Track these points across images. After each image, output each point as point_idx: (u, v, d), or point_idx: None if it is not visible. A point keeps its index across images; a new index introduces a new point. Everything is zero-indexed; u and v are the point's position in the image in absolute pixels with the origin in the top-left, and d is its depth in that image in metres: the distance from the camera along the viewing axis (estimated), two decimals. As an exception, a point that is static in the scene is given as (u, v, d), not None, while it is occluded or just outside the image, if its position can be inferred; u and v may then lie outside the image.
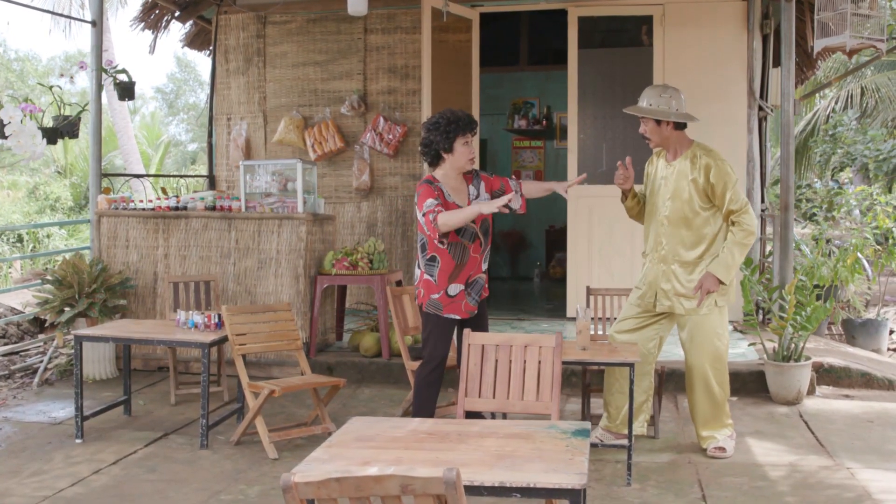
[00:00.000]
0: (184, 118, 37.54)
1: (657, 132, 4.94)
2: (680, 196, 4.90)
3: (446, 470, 1.95)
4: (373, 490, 1.99)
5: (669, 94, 4.96)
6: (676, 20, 8.26)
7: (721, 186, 4.80)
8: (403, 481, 1.96)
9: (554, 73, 11.76)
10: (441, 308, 4.66)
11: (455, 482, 1.94)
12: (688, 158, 4.92)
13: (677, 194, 4.91)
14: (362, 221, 8.95)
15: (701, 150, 4.93)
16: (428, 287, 4.68)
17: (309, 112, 9.02)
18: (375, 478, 1.97)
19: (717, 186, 4.80)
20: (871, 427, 5.45)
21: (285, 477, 2.01)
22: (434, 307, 4.67)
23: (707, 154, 4.90)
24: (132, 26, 9.07)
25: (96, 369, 6.73)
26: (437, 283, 4.65)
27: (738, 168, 8.19)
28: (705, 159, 4.86)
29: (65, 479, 4.58)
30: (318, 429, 5.20)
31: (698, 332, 4.94)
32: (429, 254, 4.66)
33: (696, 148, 4.95)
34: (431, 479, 1.95)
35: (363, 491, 1.99)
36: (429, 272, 4.67)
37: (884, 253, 7.52)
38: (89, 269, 6.69)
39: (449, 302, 4.66)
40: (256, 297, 6.85)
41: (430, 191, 4.57)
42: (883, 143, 12.56)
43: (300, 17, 9.01)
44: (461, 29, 8.63)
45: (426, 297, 4.68)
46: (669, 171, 4.98)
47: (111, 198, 7.09)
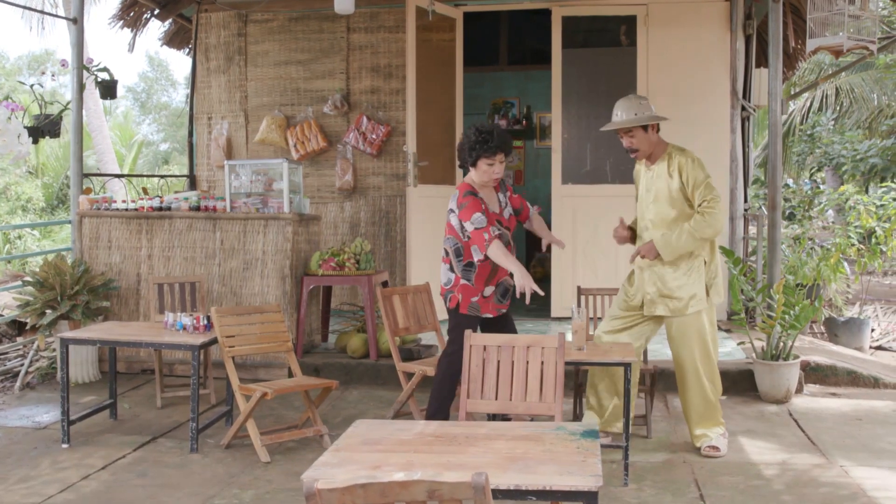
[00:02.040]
0: (156, 118, 37.20)
1: (646, 140, 4.98)
2: (661, 199, 4.96)
3: (475, 475, 1.92)
4: (399, 496, 1.95)
5: (642, 101, 5.04)
6: (660, 20, 8.28)
7: (693, 182, 4.85)
8: (431, 486, 1.92)
9: (534, 73, 11.78)
10: (479, 309, 4.86)
11: (484, 487, 1.91)
12: (665, 161, 4.98)
13: (658, 197, 4.97)
14: (345, 222, 8.89)
15: (675, 151, 4.99)
16: (466, 291, 4.82)
17: (291, 111, 8.94)
18: (402, 483, 1.93)
19: (689, 184, 4.87)
20: (860, 425, 5.49)
21: (308, 484, 1.97)
22: (474, 310, 4.84)
23: (681, 154, 4.96)
24: (111, 24, 8.94)
25: (79, 372, 6.62)
26: (475, 287, 4.81)
27: (721, 168, 8.23)
28: (678, 158, 4.93)
29: (53, 486, 4.49)
30: (310, 431, 5.14)
31: (686, 330, 4.95)
32: (465, 260, 4.80)
33: (671, 149, 5.01)
34: (459, 483, 1.91)
35: (389, 497, 1.95)
36: (466, 277, 4.81)
37: (867, 252, 7.59)
38: (71, 270, 6.57)
39: (484, 302, 4.87)
40: (242, 298, 6.77)
41: (476, 204, 4.69)
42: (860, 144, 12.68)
43: (282, 16, 8.94)
44: (444, 28, 8.59)
45: (466, 300, 4.82)
46: (650, 175, 5.04)
47: (93, 198, 6.98)
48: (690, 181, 4.85)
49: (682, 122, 8.22)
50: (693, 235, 4.81)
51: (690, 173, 4.85)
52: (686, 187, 4.87)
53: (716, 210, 4.81)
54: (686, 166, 4.87)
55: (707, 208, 4.81)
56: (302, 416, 5.44)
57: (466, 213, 4.66)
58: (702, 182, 4.85)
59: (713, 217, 4.79)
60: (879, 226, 7.54)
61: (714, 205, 4.81)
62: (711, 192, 4.84)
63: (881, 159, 11.94)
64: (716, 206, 4.81)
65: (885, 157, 12.00)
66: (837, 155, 12.40)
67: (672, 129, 8.15)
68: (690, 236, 4.81)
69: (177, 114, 35.46)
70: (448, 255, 4.85)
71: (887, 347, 8.61)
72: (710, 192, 4.84)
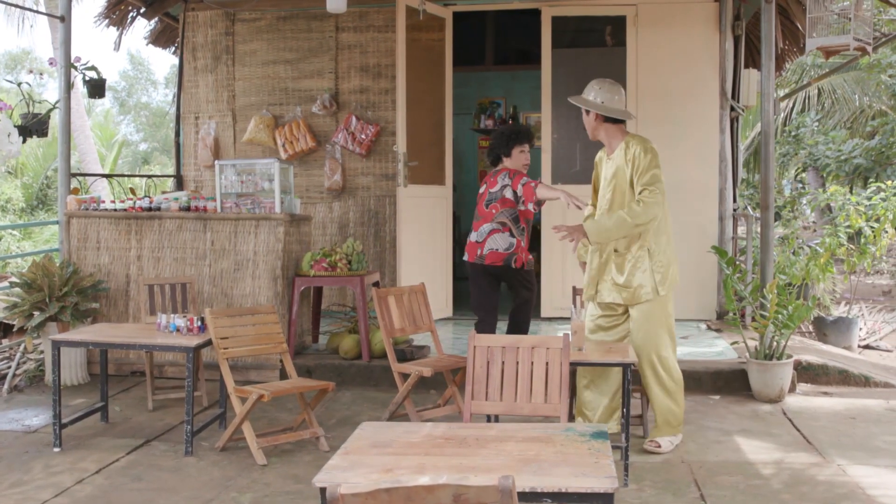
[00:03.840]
0: (135, 117, 36.91)
1: (593, 123, 5.11)
2: (616, 186, 5.02)
3: (501, 478, 1.90)
4: (424, 500, 1.92)
5: (599, 87, 5.09)
6: (649, 20, 8.30)
7: (640, 171, 4.90)
8: (457, 490, 1.90)
9: (520, 74, 11.77)
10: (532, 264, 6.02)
11: (511, 490, 1.89)
12: (622, 150, 5.03)
13: (615, 185, 5.03)
14: (334, 222, 8.85)
15: (633, 141, 5.03)
16: (526, 251, 5.93)
17: (279, 111, 8.89)
18: (427, 487, 1.90)
19: (637, 171, 4.91)
20: (854, 424, 5.52)
21: (331, 488, 1.94)
22: (531, 264, 5.98)
23: (637, 143, 4.99)
24: (96, 23, 8.84)
25: (68, 375, 6.54)
26: (526, 245, 5.94)
27: (711, 168, 8.26)
28: (634, 148, 4.97)
29: (47, 490, 4.43)
30: (307, 433, 5.09)
31: (644, 321, 4.99)
32: (522, 224, 5.88)
33: (629, 138, 5.06)
34: (487, 487, 1.89)
35: (414, 501, 1.92)
36: (522, 238, 5.88)
37: (856, 252, 7.63)
38: (60, 271, 6.49)
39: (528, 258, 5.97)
40: (233, 299, 6.72)
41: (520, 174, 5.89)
42: (844, 144, 12.77)
43: (270, 15, 8.88)
44: (434, 28, 8.57)
45: (527, 258, 5.93)
46: (609, 164, 5.11)
47: (81, 198, 6.90)
48: (638, 169, 4.90)
49: (672, 122, 8.27)
50: (625, 222, 4.83)
51: (642, 161, 4.90)
52: (637, 174, 4.93)
53: (654, 200, 4.83)
54: (640, 155, 4.92)
55: (646, 197, 4.84)
56: (297, 418, 5.39)
57: (516, 181, 5.78)
58: (647, 171, 4.88)
59: (650, 206, 4.82)
60: (868, 225, 7.59)
61: (653, 195, 4.83)
62: (654, 182, 4.87)
63: (865, 159, 12.03)
64: (655, 196, 4.84)
65: (868, 158, 12.09)
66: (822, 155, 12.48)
67: (662, 130, 8.24)
68: (622, 222, 4.83)
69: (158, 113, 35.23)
70: (507, 225, 5.81)
71: (875, 346, 8.67)
72: (653, 181, 4.87)
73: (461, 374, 5.63)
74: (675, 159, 8.26)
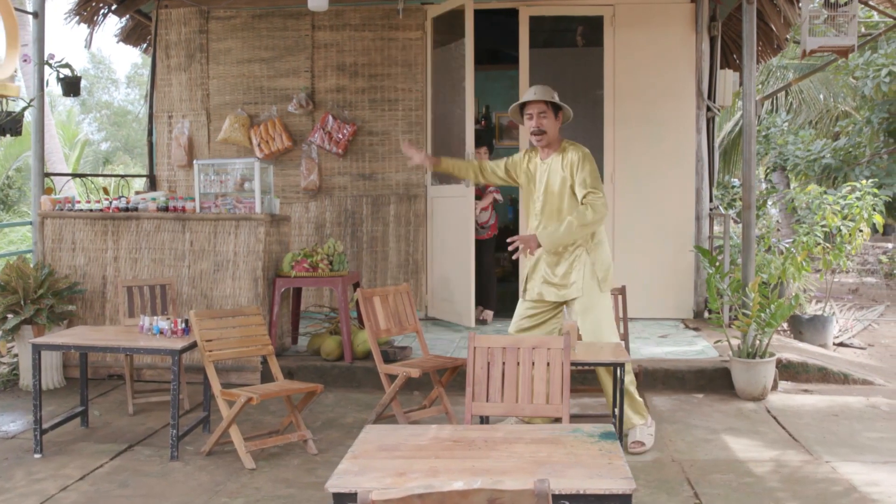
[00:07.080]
0: (96, 116, 36.36)
1: (554, 125, 5.08)
2: (552, 190, 5.06)
3: (537, 481, 1.87)
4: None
5: (552, 90, 5.12)
6: (626, 21, 8.33)
7: (581, 177, 4.93)
8: (492, 495, 1.87)
9: (493, 73, 11.75)
10: None
11: (547, 494, 1.86)
12: (559, 154, 5.07)
13: (549, 188, 5.07)
14: (310, 222, 8.76)
15: (570, 146, 5.08)
16: None
17: (255, 110, 8.78)
18: (462, 492, 1.87)
19: (576, 176, 4.95)
20: (837, 421, 5.57)
21: (363, 494, 1.89)
22: None
23: (574, 149, 5.05)
24: (67, 19, 8.66)
25: (43, 379, 6.36)
26: None
27: (687, 168, 8.31)
28: (571, 153, 5.02)
29: (31, 498, 4.31)
30: (294, 436, 5.02)
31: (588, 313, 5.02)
32: None
33: (566, 143, 5.11)
34: (522, 491, 1.86)
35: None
36: None
37: (832, 250, 7.72)
38: (35, 273, 6.35)
39: None
40: (213, 300, 6.62)
41: None
42: (812, 144, 12.95)
43: (245, 13, 8.77)
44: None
45: None
46: (543, 168, 5.13)
47: (55, 198, 6.75)
48: (578, 175, 4.94)
49: (649, 122, 8.31)
50: (573, 227, 4.86)
51: (581, 166, 4.95)
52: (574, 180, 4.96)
53: (598, 203, 4.88)
54: (578, 160, 4.97)
55: (592, 200, 4.89)
56: (283, 421, 5.31)
57: None
58: (589, 175, 4.93)
59: (598, 209, 4.87)
60: (844, 224, 7.68)
61: (596, 199, 4.88)
62: (597, 185, 4.92)
63: (834, 159, 12.20)
64: (598, 199, 4.89)
65: (837, 158, 12.27)
66: (792, 155, 12.64)
67: (639, 130, 8.28)
68: (571, 228, 4.87)
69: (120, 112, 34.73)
70: None
71: (848, 344, 8.78)
72: (596, 185, 4.92)
73: (447, 375, 5.60)
74: (653, 159, 8.31)
